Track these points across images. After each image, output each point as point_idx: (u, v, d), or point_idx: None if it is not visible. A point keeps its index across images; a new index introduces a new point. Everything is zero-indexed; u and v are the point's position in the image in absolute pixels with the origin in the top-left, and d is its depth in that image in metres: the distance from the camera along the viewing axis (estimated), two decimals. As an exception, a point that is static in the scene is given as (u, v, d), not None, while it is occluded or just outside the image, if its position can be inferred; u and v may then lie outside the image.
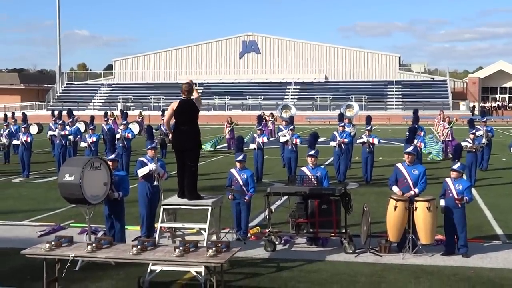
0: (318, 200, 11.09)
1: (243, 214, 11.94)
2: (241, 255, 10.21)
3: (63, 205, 14.52)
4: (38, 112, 69.09)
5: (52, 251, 8.39)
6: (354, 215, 11.65)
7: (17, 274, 9.67)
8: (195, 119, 9.89)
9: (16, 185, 19.83)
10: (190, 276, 9.22)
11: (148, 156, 11.93)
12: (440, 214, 10.79)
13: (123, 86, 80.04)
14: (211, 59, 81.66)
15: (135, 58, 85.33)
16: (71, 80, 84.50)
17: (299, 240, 11.74)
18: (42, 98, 79.97)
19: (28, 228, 13.20)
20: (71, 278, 9.21)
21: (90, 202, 9.66)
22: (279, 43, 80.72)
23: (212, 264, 7.99)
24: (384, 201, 12.94)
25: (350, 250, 10.83)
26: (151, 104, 70.89)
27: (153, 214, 11.76)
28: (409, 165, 11.27)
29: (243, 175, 11.98)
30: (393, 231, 10.67)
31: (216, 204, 10.06)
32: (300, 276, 9.64)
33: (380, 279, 9.48)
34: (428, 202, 10.52)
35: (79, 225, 13.01)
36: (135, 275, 9.32)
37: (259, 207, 13.34)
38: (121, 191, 10.79)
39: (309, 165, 12.05)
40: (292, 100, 68.77)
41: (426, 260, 10.45)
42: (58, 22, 78.85)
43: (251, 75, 79.13)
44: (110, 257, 8.43)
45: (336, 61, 79.07)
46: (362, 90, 71.60)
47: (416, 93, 71.18)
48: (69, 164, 9.81)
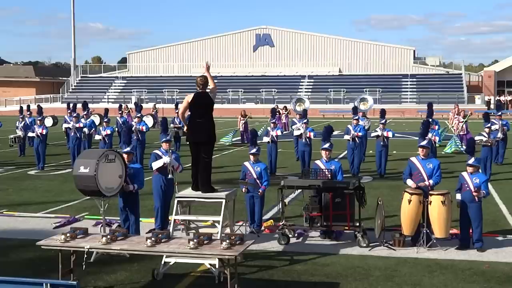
0: (332, 194, 11.08)
1: (257, 207, 11.95)
2: (254, 248, 10.24)
3: (77, 197, 14.62)
4: (53, 105, 69.45)
5: (67, 243, 8.45)
6: (368, 208, 11.63)
7: (33, 265, 9.76)
8: (210, 112, 9.91)
9: (32, 177, 19.97)
10: (204, 268, 9.25)
11: (163, 149, 11.96)
12: (455, 208, 10.74)
13: (137, 79, 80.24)
14: (225, 52, 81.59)
15: (149, 51, 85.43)
16: (85, 73, 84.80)
17: (313, 234, 11.74)
18: (57, 91, 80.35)
19: (43, 220, 13.31)
20: (86, 269, 9.27)
21: (105, 194, 9.70)
22: (293, 36, 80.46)
23: (226, 256, 8.01)
24: (398, 194, 12.91)
25: (364, 244, 10.81)
26: (165, 97, 70.99)
27: (167, 206, 11.80)
28: (423, 159, 11.23)
29: (257, 168, 11.98)
30: (407, 224, 10.64)
31: (230, 197, 10.08)
32: (313, 269, 9.64)
33: (394, 272, 9.46)
34: (443, 196, 10.48)
35: (93, 217, 13.10)
36: (149, 267, 9.38)
37: (273, 200, 13.34)
38: (136, 184, 10.83)
39: (323, 159, 12.03)
40: (306, 94, 68.58)
41: (440, 254, 10.42)
42: (73, 15, 79.14)
43: (265, 68, 78.98)
44: (125, 249, 8.47)
45: (350, 55, 78.69)
46: (376, 84, 71.25)
47: (431, 86, 70.73)
48: (84, 157, 9.85)
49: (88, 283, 8.95)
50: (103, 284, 9.01)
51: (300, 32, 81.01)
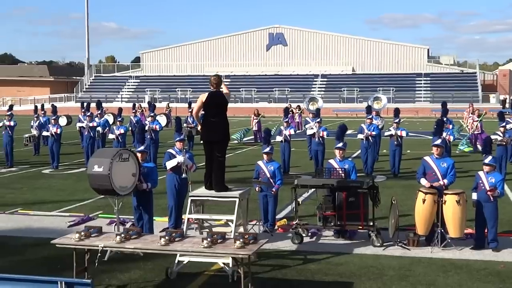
0: (346, 193, 11.05)
1: (270, 206, 11.94)
2: (268, 247, 10.22)
3: (91, 196, 14.69)
4: (67, 104, 69.84)
5: (82, 241, 8.48)
6: (382, 208, 11.58)
7: (48, 263, 9.81)
8: (224, 111, 9.91)
9: (46, 176, 20.09)
10: (218, 267, 9.26)
11: (177, 148, 11.98)
12: (470, 208, 10.67)
13: (151, 78, 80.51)
14: (238, 52, 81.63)
15: (162, 51, 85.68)
16: (99, 73, 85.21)
17: (326, 233, 11.71)
18: (71, 90, 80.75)
19: (57, 219, 13.37)
20: (100, 268, 9.31)
21: (119, 193, 9.72)
22: (306, 35, 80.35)
23: (240, 255, 8.00)
24: (411, 194, 12.84)
25: (377, 243, 10.77)
26: (178, 96, 71.14)
27: (181, 205, 11.83)
28: (437, 158, 11.16)
29: (270, 167, 11.97)
30: (421, 224, 10.58)
31: (244, 196, 10.07)
32: (327, 268, 9.62)
33: (408, 272, 9.41)
34: (458, 195, 10.41)
35: (107, 216, 13.14)
36: (163, 266, 9.40)
37: (286, 199, 13.32)
38: (149, 183, 10.86)
39: (336, 158, 12.00)
40: (319, 93, 68.42)
41: (455, 254, 10.36)
42: (87, 14, 79.56)
43: (278, 67, 78.93)
44: (139, 247, 8.50)
45: (364, 53, 78.45)
46: (390, 83, 70.98)
47: (445, 85, 70.35)
48: (98, 155, 9.88)
49: (102, 282, 8.99)
50: (117, 282, 9.04)
51: (313, 31, 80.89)
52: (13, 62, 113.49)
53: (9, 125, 22.47)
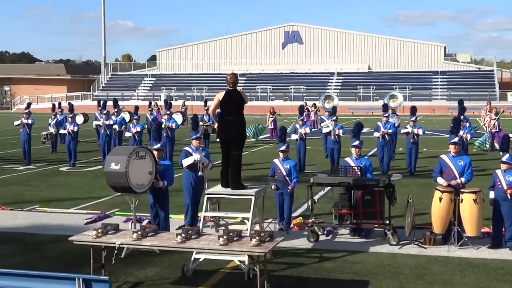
0: (362, 191, 11.02)
1: (286, 204, 11.95)
2: (283, 245, 10.23)
3: (108, 193, 14.78)
4: (84, 102, 70.24)
5: (99, 238, 8.54)
6: (398, 206, 11.53)
7: (65, 259, 9.89)
8: (241, 109, 9.90)
9: (63, 173, 20.25)
10: (233, 265, 9.29)
11: (193, 146, 12.01)
12: (487, 206, 10.60)
13: (167, 77, 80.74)
14: (254, 50, 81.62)
15: (178, 49, 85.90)
16: (115, 71, 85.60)
17: (342, 231, 11.69)
18: (87, 89, 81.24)
19: (74, 216, 13.47)
20: (117, 265, 9.37)
21: (135, 191, 9.79)
22: (322, 33, 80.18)
23: (256, 253, 8.02)
24: (428, 192, 12.79)
25: (394, 242, 10.74)
26: (194, 95, 71.31)
27: (197, 203, 11.86)
28: (454, 156, 11.10)
29: (286, 165, 11.98)
30: (438, 223, 10.53)
31: (259, 194, 10.08)
32: (343, 267, 9.61)
33: (425, 271, 9.38)
34: (475, 194, 10.35)
35: (124, 214, 13.22)
36: (179, 264, 9.44)
37: (302, 197, 13.31)
38: (165, 180, 10.90)
39: (353, 156, 11.97)
40: (335, 91, 68.24)
41: (472, 252, 10.30)
42: (103, 13, 79.88)
43: (293, 65, 78.82)
44: (155, 245, 8.54)
45: (380, 51, 78.11)
46: (406, 81, 70.59)
47: (462, 83, 69.84)
48: (115, 153, 9.95)
49: (119, 278, 9.04)
50: (134, 279, 9.10)
51: (329, 29, 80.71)
52: (31, 60, 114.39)
53: (27, 123, 22.66)
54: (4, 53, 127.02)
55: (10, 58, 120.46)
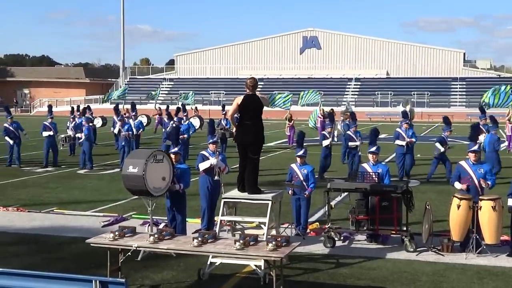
0: (379, 197, 10.97)
1: (303, 210, 11.92)
2: (300, 250, 10.21)
3: (125, 196, 14.85)
4: (102, 106, 70.65)
5: (116, 241, 8.58)
6: (416, 213, 11.47)
7: (82, 261, 9.94)
8: (260, 114, 9.89)
9: (81, 176, 20.37)
10: (249, 269, 9.28)
11: (210, 150, 12.03)
12: (506, 214, 10.50)
13: (185, 81, 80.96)
14: (272, 54, 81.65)
15: (197, 53, 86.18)
16: (134, 75, 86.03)
17: (359, 237, 11.64)
18: (106, 92, 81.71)
19: (92, 218, 13.55)
20: (134, 267, 9.42)
21: (153, 194, 9.81)
22: (340, 39, 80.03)
23: (272, 258, 8.00)
24: (446, 199, 12.70)
25: (411, 248, 10.67)
26: (212, 99, 71.48)
27: (214, 207, 11.87)
28: (474, 164, 11.02)
29: (304, 170, 11.95)
30: (456, 230, 10.44)
31: (276, 198, 10.06)
32: (359, 273, 9.56)
33: (442, 278, 9.31)
34: (494, 201, 10.25)
35: (140, 217, 13.27)
36: (195, 267, 9.46)
37: (319, 202, 13.28)
38: (182, 184, 10.92)
39: (370, 162, 11.93)
40: (352, 96, 68.05)
41: (490, 260, 10.20)
42: (122, 17, 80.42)
43: (311, 70, 78.72)
44: (172, 248, 8.55)
45: (398, 57, 77.77)
46: (425, 87, 70.16)
47: (481, 90, 69.01)
48: (133, 157, 9.99)
49: (136, 281, 9.08)
50: (150, 282, 9.12)
51: (347, 35, 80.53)
52: (50, 64, 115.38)
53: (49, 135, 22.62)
54: (24, 56, 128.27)
55: (30, 62, 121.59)
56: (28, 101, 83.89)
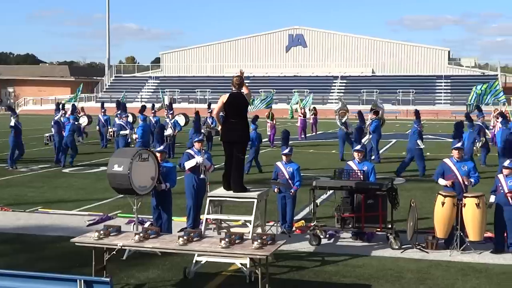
0: (364, 195, 11.01)
1: (288, 208, 11.94)
2: (285, 248, 10.22)
3: (111, 195, 14.79)
4: (88, 104, 70.25)
5: (101, 240, 8.54)
6: (401, 210, 11.52)
7: (67, 261, 9.89)
8: (245, 112, 9.94)
9: (66, 175, 20.26)
10: (235, 268, 9.28)
11: (195, 148, 12.02)
12: (490, 211, 10.58)
13: (170, 79, 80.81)
14: (258, 53, 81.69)
15: (182, 52, 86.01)
16: (119, 73, 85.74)
17: (344, 235, 11.69)
18: (91, 91, 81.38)
19: (77, 217, 13.48)
20: (119, 266, 9.39)
21: (138, 193, 9.79)
22: (326, 37, 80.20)
23: (258, 256, 8.01)
24: (431, 196, 12.77)
25: (396, 246, 10.72)
26: (198, 97, 71.39)
27: (199, 205, 11.86)
28: (458, 161, 11.10)
29: (289, 169, 11.97)
30: (440, 227, 10.51)
31: (262, 197, 10.08)
32: (345, 270, 9.59)
33: (427, 275, 9.36)
34: (477, 199, 10.33)
35: (126, 215, 13.23)
36: (181, 266, 9.45)
37: (305, 200, 13.31)
38: (168, 182, 10.91)
39: (355, 160, 11.97)
40: (338, 94, 68.21)
41: (474, 257, 10.27)
42: (108, 15, 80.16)
43: (297, 68, 78.83)
44: (157, 247, 8.54)
45: (384, 55, 78.09)
46: (410, 85, 70.55)
47: (466, 88, 69.51)
48: (118, 155, 9.95)
49: (121, 280, 9.04)
50: (135, 281, 9.10)
51: (333, 33, 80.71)
52: (35, 62, 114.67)
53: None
54: (8, 55, 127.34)
55: (15, 60, 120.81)
56: (12, 100, 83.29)
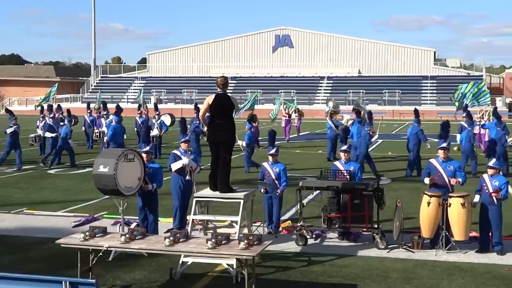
0: (351, 195, 11.04)
1: (275, 208, 11.94)
2: (272, 248, 10.22)
3: (96, 196, 14.71)
4: (73, 105, 69.91)
5: (86, 241, 8.50)
6: (387, 210, 11.56)
7: (52, 262, 9.84)
8: (231, 113, 9.93)
9: (52, 176, 20.14)
10: (222, 268, 9.27)
11: (182, 149, 11.99)
12: (475, 211, 10.65)
13: (157, 80, 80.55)
14: (244, 53, 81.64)
15: (169, 52, 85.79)
16: (105, 73, 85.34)
17: (331, 235, 11.71)
18: (77, 91, 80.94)
19: (63, 218, 13.41)
20: (105, 267, 9.34)
21: (124, 194, 9.75)
22: (313, 37, 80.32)
23: (244, 256, 8.01)
24: (417, 196, 12.82)
25: (382, 246, 10.76)
26: (184, 98, 71.25)
27: (186, 206, 11.84)
28: (444, 161, 11.16)
29: (276, 169, 11.98)
30: (426, 227, 10.56)
31: (248, 197, 10.08)
32: (331, 270, 9.61)
33: (413, 275, 9.40)
34: (463, 198, 10.39)
35: (112, 216, 13.17)
36: (167, 267, 9.42)
37: (291, 201, 13.32)
38: (154, 183, 10.87)
39: (342, 160, 12.01)
40: (325, 95, 68.36)
41: (459, 257, 10.34)
42: (93, 15, 79.81)
43: (284, 69, 78.87)
44: (143, 248, 8.51)
45: (370, 56, 78.33)
46: (396, 85, 70.81)
47: (451, 88, 69.81)
48: (104, 156, 9.91)
49: (107, 282, 9.01)
50: (121, 282, 9.06)
51: (319, 33, 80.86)
52: (20, 62, 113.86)
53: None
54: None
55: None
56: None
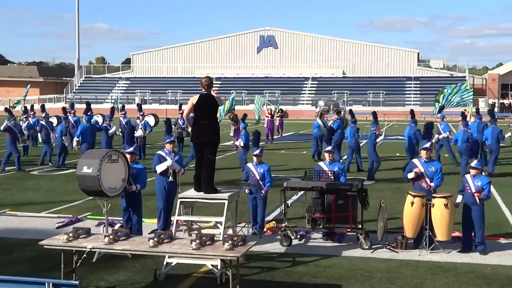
0: (335, 195, 11.08)
1: (259, 209, 11.95)
2: (256, 249, 10.23)
3: (80, 197, 14.63)
4: (57, 105, 69.45)
5: (70, 243, 8.46)
6: (371, 210, 11.62)
7: (35, 264, 9.77)
8: (215, 113, 9.93)
9: (35, 177, 20.00)
10: (206, 269, 9.26)
11: (166, 149, 11.96)
12: (458, 211, 10.73)
13: (141, 80, 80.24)
14: (229, 54, 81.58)
15: (153, 52, 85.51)
16: (89, 74, 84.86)
17: (315, 235, 11.74)
18: (60, 91, 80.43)
19: (46, 220, 13.33)
20: (88, 269, 9.30)
21: (108, 195, 9.72)
22: (297, 38, 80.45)
23: (228, 257, 8.01)
24: (400, 197, 12.90)
25: (366, 246, 10.81)
26: (169, 98, 71.07)
27: (170, 207, 11.81)
28: (426, 162, 11.23)
29: (260, 170, 11.98)
30: (410, 227, 10.62)
31: (233, 198, 10.08)
32: (315, 271, 9.64)
33: (397, 275, 9.46)
34: (446, 199, 10.47)
35: (96, 217, 13.11)
36: (151, 267, 9.40)
37: (276, 201, 13.33)
38: (138, 184, 10.84)
39: (326, 160, 12.04)
40: (309, 96, 68.49)
41: (442, 257, 10.41)
42: (77, 15, 79.27)
43: (268, 69, 78.91)
44: (127, 249, 8.48)
45: (354, 57, 78.62)
46: (380, 86, 71.14)
47: (435, 89, 70.27)
48: (87, 157, 9.87)
49: (90, 283, 8.96)
50: (105, 284, 9.02)
51: (304, 34, 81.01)
52: (3, 62, 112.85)
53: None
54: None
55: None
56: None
